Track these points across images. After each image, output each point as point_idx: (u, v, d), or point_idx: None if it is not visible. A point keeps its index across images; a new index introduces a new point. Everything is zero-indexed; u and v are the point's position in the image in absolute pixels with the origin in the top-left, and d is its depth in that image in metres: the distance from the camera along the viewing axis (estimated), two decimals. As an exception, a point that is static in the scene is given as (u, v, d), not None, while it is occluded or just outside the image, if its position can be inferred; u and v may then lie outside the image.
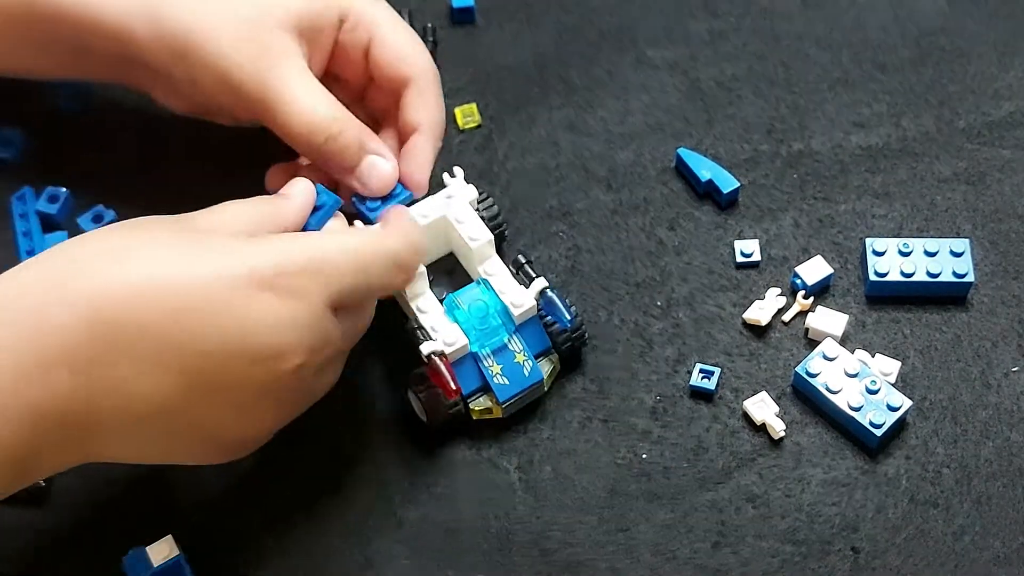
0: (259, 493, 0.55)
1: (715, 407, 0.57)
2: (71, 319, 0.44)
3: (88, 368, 0.44)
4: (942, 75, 0.67)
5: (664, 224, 0.63)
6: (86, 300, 0.44)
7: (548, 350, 0.57)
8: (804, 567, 0.53)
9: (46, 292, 0.44)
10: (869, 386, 0.56)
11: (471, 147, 0.66)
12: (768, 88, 0.67)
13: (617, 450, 0.56)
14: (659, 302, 0.60)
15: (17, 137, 0.66)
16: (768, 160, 0.65)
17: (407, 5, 0.71)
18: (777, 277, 0.61)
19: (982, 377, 0.57)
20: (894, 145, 0.65)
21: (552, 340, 0.56)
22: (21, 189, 0.64)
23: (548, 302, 0.56)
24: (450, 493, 0.55)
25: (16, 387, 0.43)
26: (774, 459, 0.56)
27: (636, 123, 0.66)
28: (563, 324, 0.56)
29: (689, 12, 0.70)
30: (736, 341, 0.59)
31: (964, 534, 0.53)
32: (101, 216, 0.63)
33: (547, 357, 0.57)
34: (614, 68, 0.68)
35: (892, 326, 0.59)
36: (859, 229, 0.62)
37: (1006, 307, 0.59)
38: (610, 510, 0.55)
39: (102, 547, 0.53)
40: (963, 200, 0.63)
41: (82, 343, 0.44)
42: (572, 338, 0.57)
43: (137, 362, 0.44)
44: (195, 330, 0.45)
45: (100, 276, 0.45)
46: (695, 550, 0.53)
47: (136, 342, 0.44)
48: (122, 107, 0.68)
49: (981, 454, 0.55)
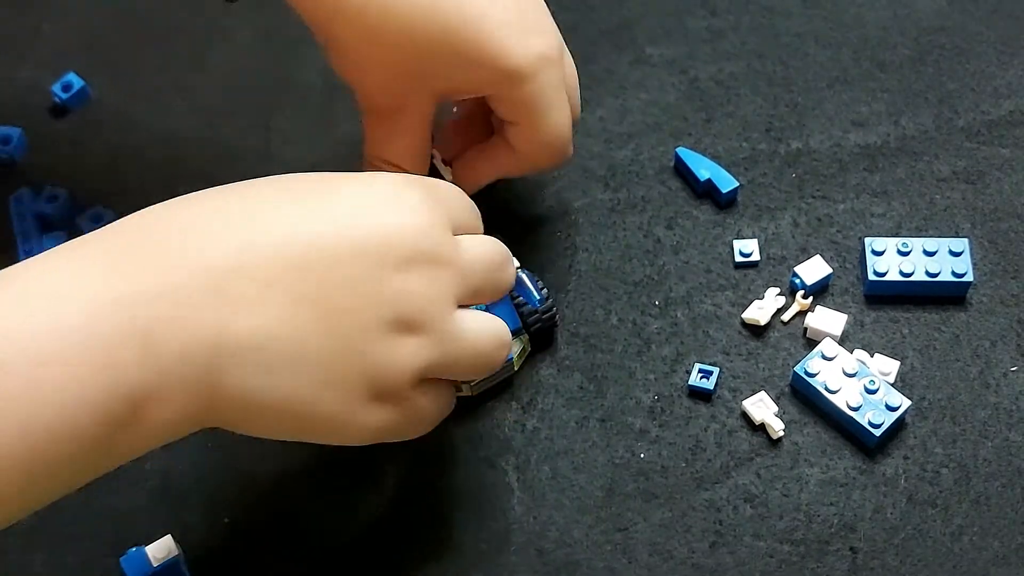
0: (258, 493, 0.55)
1: (713, 407, 0.57)
2: (218, 248, 0.42)
3: (223, 287, 0.42)
4: (941, 73, 0.67)
5: (662, 223, 0.63)
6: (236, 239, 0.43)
7: (518, 330, 0.57)
8: (802, 567, 0.53)
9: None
10: (868, 386, 0.55)
11: (469, 146, 0.66)
12: (767, 86, 0.67)
13: (615, 450, 0.56)
14: (657, 301, 0.60)
15: (17, 137, 0.67)
16: (767, 159, 0.65)
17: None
18: (776, 276, 0.61)
19: (981, 377, 0.57)
20: (893, 144, 0.65)
21: (522, 320, 0.57)
22: (20, 189, 0.64)
23: (518, 281, 0.56)
24: (447, 492, 0.55)
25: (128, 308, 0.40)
26: (772, 459, 0.55)
27: (634, 122, 0.66)
28: (533, 304, 0.56)
29: (688, 10, 0.70)
30: (734, 341, 0.59)
31: (963, 534, 0.53)
32: (100, 216, 0.63)
33: (517, 337, 0.57)
34: (612, 66, 0.68)
35: (891, 326, 0.59)
36: (858, 228, 0.62)
37: (1005, 307, 0.59)
38: (607, 510, 0.55)
39: (102, 547, 0.53)
40: (962, 199, 0.63)
41: (218, 267, 0.42)
42: (542, 318, 0.57)
43: (264, 281, 0.42)
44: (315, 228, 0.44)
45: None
46: (692, 550, 0.53)
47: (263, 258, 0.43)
48: (122, 107, 0.69)
49: (980, 454, 0.55)
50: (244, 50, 0.71)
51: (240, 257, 0.42)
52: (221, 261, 0.42)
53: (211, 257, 0.42)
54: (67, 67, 0.69)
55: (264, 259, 0.43)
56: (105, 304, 0.40)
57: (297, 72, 0.69)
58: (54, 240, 0.63)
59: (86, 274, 0.41)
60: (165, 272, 0.41)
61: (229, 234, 0.43)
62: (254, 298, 0.42)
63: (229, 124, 0.68)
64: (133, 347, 0.40)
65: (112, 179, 0.66)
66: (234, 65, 0.70)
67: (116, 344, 0.40)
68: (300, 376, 0.43)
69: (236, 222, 0.44)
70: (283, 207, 0.45)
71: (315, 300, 0.43)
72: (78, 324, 0.39)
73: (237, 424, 0.44)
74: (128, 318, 0.40)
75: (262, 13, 0.72)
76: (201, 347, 0.41)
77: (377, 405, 0.45)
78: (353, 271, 0.43)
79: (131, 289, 0.41)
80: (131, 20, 0.72)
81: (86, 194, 0.65)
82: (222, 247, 0.43)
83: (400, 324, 0.44)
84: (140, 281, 0.41)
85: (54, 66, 0.70)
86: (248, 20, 0.72)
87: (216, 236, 0.43)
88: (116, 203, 0.64)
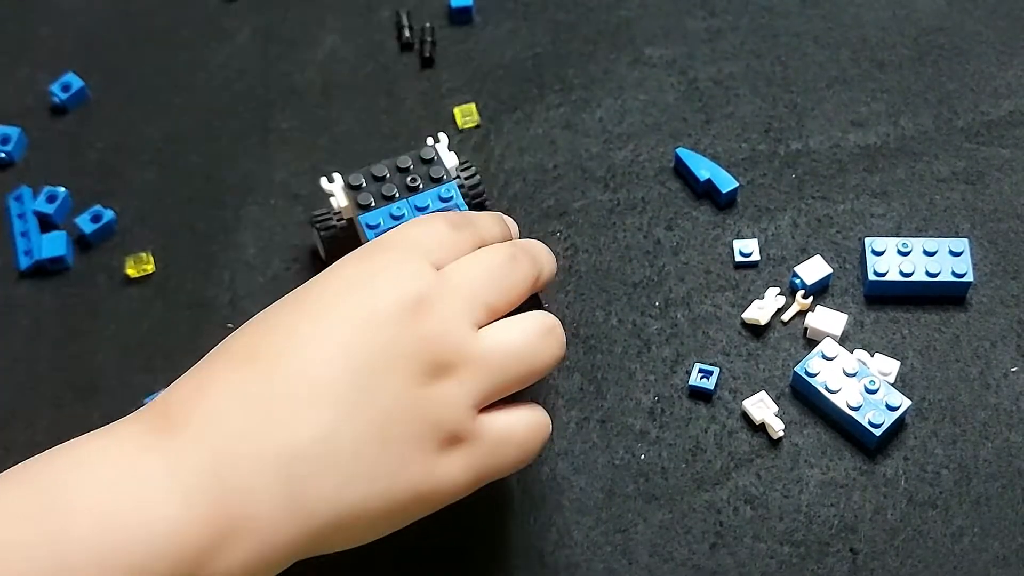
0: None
1: (713, 407, 0.57)
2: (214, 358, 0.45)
3: (250, 397, 0.43)
4: (941, 74, 0.67)
5: (662, 224, 0.63)
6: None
7: None
8: (802, 568, 0.53)
9: None
10: (868, 386, 0.55)
11: (468, 146, 0.66)
12: (766, 87, 0.67)
13: (615, 451, 0.56)
14: (657, 302, 0.60)
15: (16, 136, 0.66)
16: (766, 159, 0.65)
17: (406, 5, 0.71)
18: (776, 277, 0.61)
19: (981, 377, 0.57)
20: (892, 144, 0.65)
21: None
22: (19, 189, 0.64)
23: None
24: (447, 494, 0.55)
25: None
26: (772, 460, 0.55)
27: (633, 122, 0.66)
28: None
29: (687, 10, 0.70)
30: (734, 341, 0.59)
31: (963, 535, 0.53)
32: (100, 216, 0.63)
33: None
34: (611, 67, 0.68)
35: (891, 326, 0.59)
36: (858, 229, 0.62)
37: (1005, 307, 0.59)
38: (607, 511, 0.54)
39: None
40: (962, 199, 0.63)
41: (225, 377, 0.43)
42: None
43: (285, 373, 0.43)
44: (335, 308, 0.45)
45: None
46: (692, 551, 0.53)
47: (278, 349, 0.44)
48: (121, 107, 0.69)
49: (980, 455, 0.55)
50: (244, 50, 0.71)
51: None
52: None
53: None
54: (66, 67, 0.69)
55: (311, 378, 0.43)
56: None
57: (297, 72, 0.69)
58: (53, 239, 0.62)
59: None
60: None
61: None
62: (308, 410, 0.42)
63: (229, 124, 0.68)
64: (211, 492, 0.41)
65: (111, 179, 0.66)
66: (234, 65, 0.70)
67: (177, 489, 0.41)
68: (368, 463, 0.43)
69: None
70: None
71: (350, 384, 0.43)
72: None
73: (334, 543, 0.45)
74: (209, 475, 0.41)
75: (262, 13, 0.72)
76: (273, 463, 0.42)
77: (453, 453, 0.45)
78: (368, 340, 0.44)
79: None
80: (131, 20, 0.72)
81: (85, 194, 0.65)
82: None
83: (434, 368, 0.45)
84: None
85: (53, 66, 0.70)
86: (248, 20, 0.72)
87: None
88: (115, 203, 0.64)
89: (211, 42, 0.71)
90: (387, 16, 0.71)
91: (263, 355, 0.44)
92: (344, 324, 0.44)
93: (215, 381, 0.43)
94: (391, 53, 0.70)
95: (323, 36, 0.71)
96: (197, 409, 0.42)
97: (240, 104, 0.68)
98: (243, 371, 0.43)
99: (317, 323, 0.44)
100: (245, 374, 0.43)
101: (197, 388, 0.43)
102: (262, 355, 0.44)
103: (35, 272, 0.62)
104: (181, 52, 0.71)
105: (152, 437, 0.42)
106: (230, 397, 0.42)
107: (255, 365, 0.43)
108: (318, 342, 0.44)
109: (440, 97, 0.68)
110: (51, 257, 0.62)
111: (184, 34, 0.71)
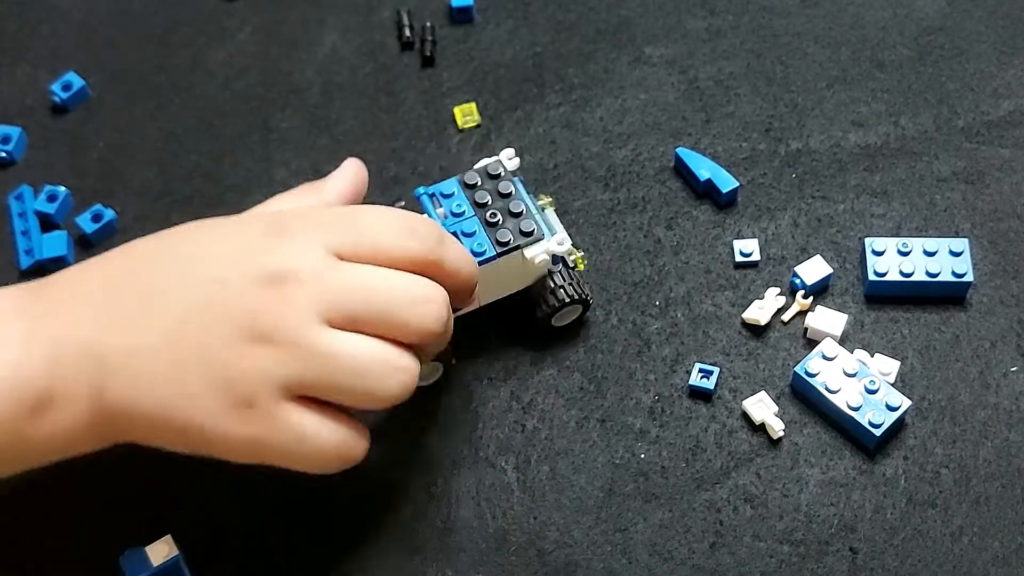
0: (257, 493, 0.55)
1: (713, 407, 0.57)
2: (94, 262, 0.49)
3: (104, 301, 0.48)
4: (941, 74, 0.67)
5: (662, 223, 0.63)
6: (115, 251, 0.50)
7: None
8: (802, 568, 0.53)
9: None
10: (868, 386, 0.55)
11: (469, 146, 0.66)
12: (766, 86, 0.67)
13: (614, 450, 0.56)
14: (657, 301, 0.60)
15: (16, 136, 0.66)
16: (766, 159, 0.65)
17: (407, 5, 0.71)
18: (776, 276, 0.61)
19: (981, 377, 0.57)
20: (893, 144, 0.65)
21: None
22: (19, 188, 0.64)
23: None
24: (447, 492, 0.55)
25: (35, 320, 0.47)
26: (772, 459, 0.55)
27: (634, 122, 0.66)
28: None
29: (687, 9, 0.70)
30: (734, 341, 0.59)
31: (962, 535, 0.53)
32: (100, 215, 0.63)
33: None
34: (612, 66, 0.68)
35: (891, 326, 0.59)
36: (858, 228, 0.62)
37: (1005, 307, 0.59)
38: (607, 510, 0.55)
39: (101, 547, 0.53)
40: (962, 199, 0.63)
41: (95, 280, 0.49)
42: None
43: (139, 295, 0.48)
44: (186, 252, 0.49)
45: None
46: (692, 550, 0.53)
47: (140, 275, 0.48)
48: (121, 106, 0.69)
49: (980, 454, 0.55)
50: (244, 50, 0.71)
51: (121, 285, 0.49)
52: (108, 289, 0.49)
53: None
54: (66, 66, 0.69)
55: (140, 286, 0.48)
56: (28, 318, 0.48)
57: (297, 72, 0.69)
58: (54, 239, 0.62)
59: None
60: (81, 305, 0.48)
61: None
62: (132, 318, 0.47)
63: (229, 124, 0.68)
64: (44, 344, 0.47)
65: (111, 178, 0.66)
66: (234, 65, 0.70)
67: (29, 340, 0.47)
68: (169, 385, 0.47)
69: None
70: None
71: (180, 319, 0.47)
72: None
73: (131, 434, 0.48)
74: (43, 327, 0.47)
75: (262, 13, 0.72)
76: (89, 358, 0.47)
77: (241, 414, 0.46)
78: (210, 292, 0.47)
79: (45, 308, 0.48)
80: (131, 20, 0.72)
81: (85, 193, 0.65)
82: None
83: (254, 336, 0.46)
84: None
85: (53, 65, 0.70)
86: (248, 20, 0.72)
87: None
88: (115, 202, 0.64)
89: (211, 42, 0.71)
90: (387, 16, 0.71)
91: (132, 271, 0.49)
92: (205, 271, 0.48)
93: (90, 280, 0.49)
94: (391, 53, 0.70)
95: (323, 36, 0.71)
96: (66, 295, 0.49)
97: (240, 104, 0.68)
98: (112, 279, 0.49)
99: (188, 263, 0.49)
100: (111, 284, 0.49)
101: (74, 281, 0.49)
102: (131, 271, 0.49)
103: (36, 271, 0.62)
104: (181, 52, 0.71)
105: (24, 301, 0.48)
106: (90, 294, 0.48)
107: (121, 278, 0.49)
108: (176, 277, 0.48)
109: (441, 96, 0.68)
110: (52, 257, 0.62)
111: (184, 34, 0.71)
